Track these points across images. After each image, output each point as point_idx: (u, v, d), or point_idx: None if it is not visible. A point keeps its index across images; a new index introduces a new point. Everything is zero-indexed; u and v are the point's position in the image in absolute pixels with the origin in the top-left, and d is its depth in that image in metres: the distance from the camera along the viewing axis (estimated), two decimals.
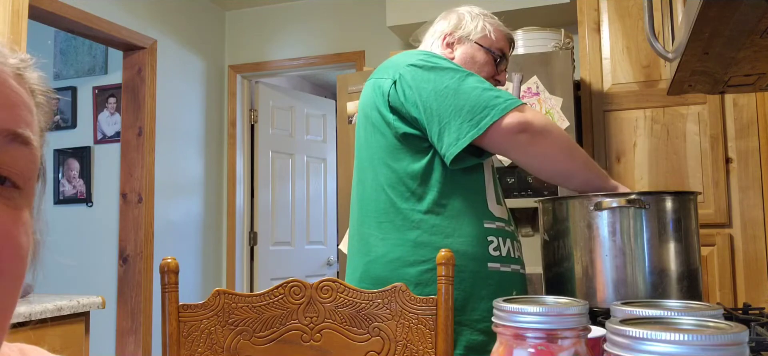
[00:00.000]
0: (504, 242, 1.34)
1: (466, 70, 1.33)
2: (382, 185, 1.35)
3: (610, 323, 0.46)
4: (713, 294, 2.21)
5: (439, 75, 1.30)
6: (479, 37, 1.46)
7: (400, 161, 1.33)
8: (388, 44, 3.71)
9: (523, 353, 0.54)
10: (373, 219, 1.35)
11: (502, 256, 1.33)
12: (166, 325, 1.10)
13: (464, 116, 1.26)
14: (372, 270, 1.31)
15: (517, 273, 1.37)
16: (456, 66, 1.33)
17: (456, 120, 1.25)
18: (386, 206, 1.33)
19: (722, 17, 0.80)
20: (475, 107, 1.26)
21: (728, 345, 0.41)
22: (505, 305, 0.55)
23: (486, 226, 1.33)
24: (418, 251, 1.28)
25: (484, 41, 1.46)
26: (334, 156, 4.81)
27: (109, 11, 3.39)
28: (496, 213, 1.36)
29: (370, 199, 1.37)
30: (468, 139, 1.25)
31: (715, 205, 2.24)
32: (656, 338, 0.42)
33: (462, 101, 1.26)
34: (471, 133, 1.25)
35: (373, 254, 1.33)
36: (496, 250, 1.32)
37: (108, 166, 3.88)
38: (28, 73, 0.50)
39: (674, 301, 0.68)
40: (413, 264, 1.28)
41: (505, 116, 1.25)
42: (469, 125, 1.25)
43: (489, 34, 1.46)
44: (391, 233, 1.31)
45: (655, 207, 1.21)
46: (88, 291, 2.57)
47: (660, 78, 2.33)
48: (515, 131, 1.25)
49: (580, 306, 0.54)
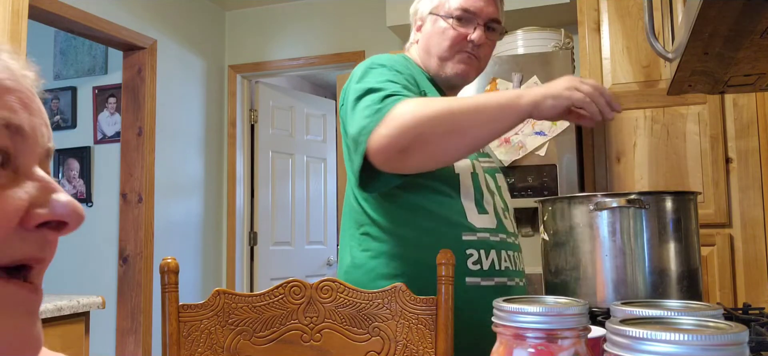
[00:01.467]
0: (486, 255, 1.25)
1: (374, 82, 1.18)
2: (356, 196, 1.31)
3: (610, 323, 0.46)
4: (713, 294, 2.21)
5: (349, 104, 1.21)
6: (433, 6, 1.36)
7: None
8: (388, 44, 3.71)
9: (523, 353, 0.54)
10: (354, 227, 1.31)
11: (483, 270, 1.24)
12: (166, 325, 1.10)
13: (351, 142, 1.16)
14: (351, 277, 1.28)
15: (503, 285, 1.27)
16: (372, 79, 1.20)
17: (348, 147, 1.19)
18: (360, 216, 1.30)
19: (722, 17, 0.80)
20: (354, 133, 1.14)
21: (728, 345, 0.41)
22: (504, 305, 0.55)
23: (464, 238, 1.24)
24: (391, 264, 1.24)
25: (438, 10, 1.34)
26: (334, 156, 4.81)
27: (109, 11, 3.39)
28: (477, 224, 1.25)
29: (349, 207, 1.34)
30: (356, 170, 1.14)
31: (715, 205, 2.24)
32: (656, 338, 0.42)
33: (350, 126, 1.16)
34: (357, 163, 1.13)
35: (353, 261, 1.30)
36: (476, 264, 1.23)
37: (108, 166, 3.88)
38: (37, 82, 0.53)
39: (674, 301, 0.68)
40: (386, 277, 1.23)
41: (371, 140, 1.10)
42: (349, 163, 1.17)
43: (442, 2, 1.34)
44: (367, 242, 1.28)
45: (655, 207, 1.21)
46: (88, 291, 2.57)
47: (660, 78, 2.33)
48: (388, 156, 1.10)
49: (580, 306, 0.54)
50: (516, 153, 2.49)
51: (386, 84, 1.17)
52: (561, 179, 2.45)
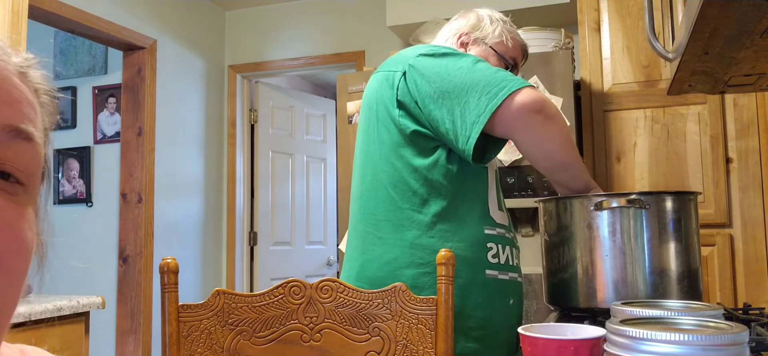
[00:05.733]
0: (503, 249, 1.31)
1: (478, 57, 1.31)
2: (384, 183, 1.31)
3: (610, 323, 0.46)
4: (713, 294, 2.21)
5: (451, 60, 1.28)
6: (495, 41, 1.44)
7: (404, 159, 1.29)
8: (388, 44, 3.71)
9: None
10: (372, 217, 1.31)
11: (500, 263, 1.30)
12: (166, 325, 1.10)
13: (481, 90, 1.22)
14: (367, 270, 1.28)
15: (514, 280, 1.35)
16: (468, 54, 1.32)
17: (474, 96, 1.22)
18: (386, 205, 1.29)
19: (722, 17, 0.80)
20: (491, 82, 1.22)
21: (728, 345, 0.41)
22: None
23: (486, 232, 1.29)
24: (415, 253, 1.25)
25: (499, 47, 1.44)
26: (334, 156, 4.81)
27: (109, 11, 3.39)
28: (497, 219, 1.33)
29: (369, 196, 1.33)
30: (488, 113, 1.20)
31: (715, 205, 2.24)
32: (656, 338, 0.42)
33: (477, 77, 1.24)
34: (490, 105, 1.20)
35: (370, 254, 1.30)
36: (495, 257, 1.29)
37: (108, 166, 3.88)
38: (31, 72, 0.50)
39: (674, 301, 0.68)
40: (409, 266, 1.25)
41: (521, 91, 1.22)
42: (486, 98, 1.21)
43: (505, 40, 1.44)
44: (390, 233, 1.28)
45: (655, 207, 1.21)
46: (88, 291, 2.56)
47: (660, 78, 2.33)
48: (530, 108, 1.22)
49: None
50: (516, 153, 2.49)
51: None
52: None
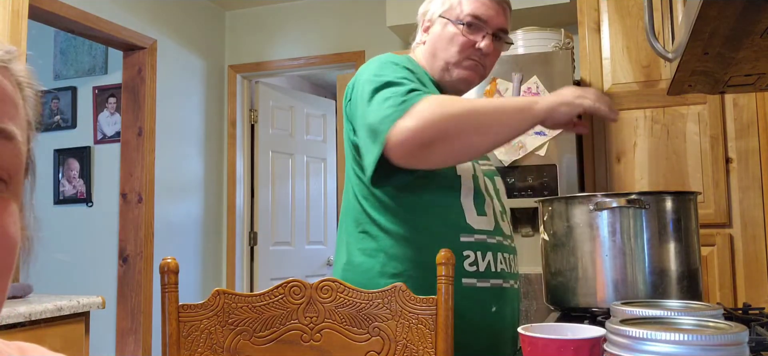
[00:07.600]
0: (483, 256, 1.26)
1: (393, 76, 1.19)
2: (356, 194, 1.31)
3: (610, 323, 0.46)
4: (713, 294, 2.21)
5: (365, 91, 1.20)
6: (444, 10, 1.34)
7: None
8: (388, 44, 3.71)
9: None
10: (352, 225, 1.31)
11: (479, 271, 1.25)
12: (166, 325, 1.10)
13: (367, 136, 1.15)
14: (347, 276, 1.27)
15: (497, 287, 1.28)
16: (390, 73, 1.20)
17: (364, 140, 1.17)
18: (359, 215, 1.29)
19: (722, 17, 0.80)
20: (370, 128, 1.14)
21: (728, 345, 0.41)
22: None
23: (462, 240, 1.25)
24: (390, 263, 1.24)
25: (449, 14, 1.33)
26: (334, 156, 4.81)
27: (109, 11, 3.39)
28: (475, 226, 1.27)
29: (348, 205, 1.33)
30: (373, 161, 1.12)
31: (715, 205, 2.24)
32: (656, 338, 0.42)
33: (363, 122, 1.17)
34: (374, 153, 1.12)
35: (350, 260, 1.29)
36: (472, 265, 1.24)
37: (108, 166, 3.88)
38: (13, 65, 0.49)
39: (674, 301, 0.68)
40: (384, 276, 1.23)
41: (393, 130, 1.09)
42: (373, 146, 1.13)
43: (454, 4, 1.33)
44: (366, 241, 1.27)
45: (655, 207, 1.21)
46: (88, 291, 2.57)
47: (660, 78, 2.33)
48: (413, 148, 1.09)
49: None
50: (516, 153, 2.49)
51: (405, 80, 1.18)
52: (561, 179, 2.45)
